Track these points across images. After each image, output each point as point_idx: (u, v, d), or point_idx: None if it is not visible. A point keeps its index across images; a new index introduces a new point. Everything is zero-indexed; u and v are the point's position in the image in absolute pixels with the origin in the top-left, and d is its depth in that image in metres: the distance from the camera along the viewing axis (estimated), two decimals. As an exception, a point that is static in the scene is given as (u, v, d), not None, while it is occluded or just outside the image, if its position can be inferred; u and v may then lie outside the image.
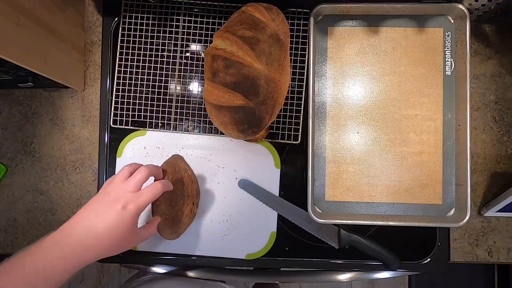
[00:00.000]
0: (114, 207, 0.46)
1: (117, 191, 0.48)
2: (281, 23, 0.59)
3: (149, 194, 0.49)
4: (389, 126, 0.66)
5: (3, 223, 0.71)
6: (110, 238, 0.46)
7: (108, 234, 0.46)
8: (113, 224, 0.46)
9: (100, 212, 0.46)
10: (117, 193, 0.47)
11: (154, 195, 0.49)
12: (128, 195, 0.47)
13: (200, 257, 0.68)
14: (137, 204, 0.47)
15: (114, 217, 0.46)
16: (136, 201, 0.47)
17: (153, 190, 0.49)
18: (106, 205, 0.47)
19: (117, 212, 0.46)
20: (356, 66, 0.67)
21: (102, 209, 0.47)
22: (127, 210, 0.47)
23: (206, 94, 0.58)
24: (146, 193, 0.49)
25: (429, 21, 0.66)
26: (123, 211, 0.46)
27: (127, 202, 0.47)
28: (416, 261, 0.67)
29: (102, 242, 0.46)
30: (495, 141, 0.68)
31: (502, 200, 0.62)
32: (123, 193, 0.47)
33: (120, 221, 0.46)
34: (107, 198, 0.47)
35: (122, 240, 0.48)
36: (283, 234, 0.67)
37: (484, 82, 0.68)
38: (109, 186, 0.49)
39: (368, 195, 0.66)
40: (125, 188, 0.48)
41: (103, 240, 0.46)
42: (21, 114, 0.71)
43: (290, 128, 0.67)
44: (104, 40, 0.70)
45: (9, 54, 0.49)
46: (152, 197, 0.49)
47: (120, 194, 0.47)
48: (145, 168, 0.51)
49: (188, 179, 0.65)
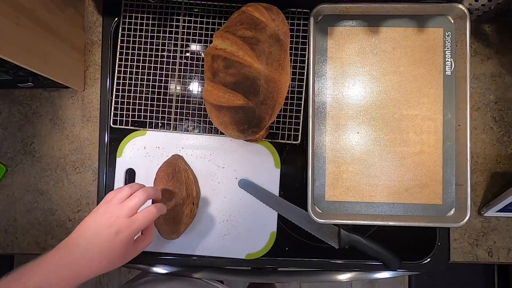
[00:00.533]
0: (107, 232, 0.48)
1: (111, 214, 0.49)
2: (281, 23, 0.59)
3: (142, 221, 0.50)
4: (389, 126, 0.66)
5: (3, 223, 0.71)
6: (105, 259, 0.48)
7: (102, 257, 0.48)
8: (106, 248, 0.48)
9: (95, 234, 0.48)
10: (110, 216, 0.49)
11: (148, 221, 0.51)
12: (123, 221, 0.49)
13: (200, 257, 0.68)
14: (130, 230, 0.49)
15: (107, 242, 0.48)
16: (129, 227, 0.49)
17: (147, 216, 0.50)
18: (101, 228, 0.49)
19: (110, 237, 0.48)
20: (356, 66, 0.67)
21: (97, 231, 0.49)
22: (119, 236, 0.49)
23: (206, 94, 0.58)
24: (140, 219, 0.50)
25: (429, 21, 0.66)
26: (116, 236, 0.48)
27: (121, 229, 0.49)
28: (416, 261, 0.67)
29: (97, 263, 0.48)
30: (495, 141, 0.68)
31: (502, 200, 0.62)
32: (117, 218, 0.49)
33: (113, 246, 0.48)
34: (103, 220, 0.49)
35: (116, 259, 0.50)
36: (283, 234, 0.67)
37: (484, 82, 0.68)
38: (106, 206, 0.51)
39: (368, 195, 0.66)
40: (120, 212, 0.49)
41: (98, 262, 0.48)
42: (21, 114, 0.71)
43: (290, 128, 0.67)
44: (104, 40, 0.70)
45: (9, 54, 0.49)
46: (146, 223, 0.50)
47: (113, 219, 0.49)
48: (142, 192, 0.51)
49: (188, 179, 0.65)
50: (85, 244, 0.48)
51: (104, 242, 0.48)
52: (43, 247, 0.70)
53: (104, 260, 0.48)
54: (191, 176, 0.66)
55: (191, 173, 0.66)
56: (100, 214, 0.50)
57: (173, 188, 0.62)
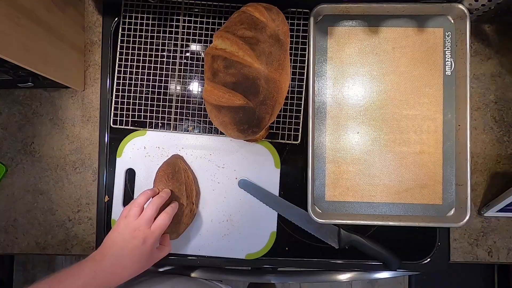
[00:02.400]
0: (135, 242, 0.56)
1: (134, 227, 0.57)
2: (281, 23, 0.59)
3: (160, 227, 0.58)
4: (389, 126, 0.66)
5: (3, 223, 0.71)
6: (136, 264, 0.57)
7: (134, 264, 0.57)
8: (137, 256, 0.56)
9: (124, 245, 0.56)
10: (133, 229, 0.57)
11: (165, 225, 0.59)
12: (145, 231, 0.57)
13: (200, 257, 0.68)
14: (153, 237, 0.57)
15: (137, 251, 0.56)
16: (152, 235, 0.57)
17: (163, 222, 0.59)
18: (128, 239, 0.56)
19: (139, 245, 0.56)
20: (356, 66, 0.67)
21: (125, 243, 0.56)
22: (146, 244, 0.57)
23: (206, 94, 0.58)
24: (158, 225, 0.58)
25: (429, 21, 0.66)
26: (144, 244, 0.56)
27: (146, 237, 0.57)
28: (416, 261, 0.67)
29: (129, 270, 0.56)
30: (495, 141, 0.68)
31: (502, 200, 0.62)
32: (139, 230, 0.57)
33: (142, 253, 0.57)
34: (127, 232, 0.57)
35: (145, 263, 0.58)
36: (283, 234, 0.67)
37: (484, 82, 0.68)
38: (125, 222, 0.58)
39: (368, 195, 0.66)
40: (141, 223, 0.57)
41: (130, 269, 0.56)
42: (21, 114, 0.71)
43: (290, 128, 0.67)
44: (104, 40, 0.70)
45: (9, 54, 0.49)
46: (164, 228, 0.59)
47: (137, 231, 0.57)
48: (152, 205, 0.59)
49: (188, 179, 0.65)
50: (118, 254, 0.55)
51: (134, 250, 0.56)
52: (43, 247, 0.70)
53: (135, 265, 0.57)
54: (191, 176, 0.66)
55: (191, 173, 0.66)
56: (123, 229, 0.57)
57: (173, 188, 0.62)
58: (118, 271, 0.56)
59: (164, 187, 0.62)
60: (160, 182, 0.63)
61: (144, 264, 0.58)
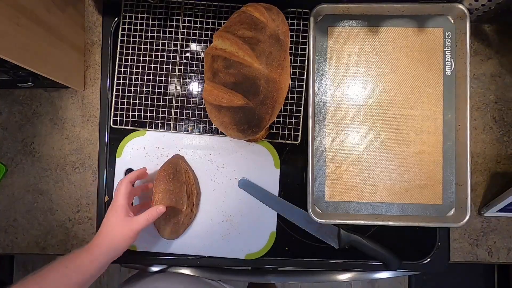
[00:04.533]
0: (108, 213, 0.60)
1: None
2: (281, 23, 0.59)
3: (119, 192, 0.60)
4: (389, 126, 0.66)
5: (3, 223, 0.71)
6: (113, 231, 0.59)
7: (111, 229, 0.59)
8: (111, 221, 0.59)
9: (108, 225, 0.60)
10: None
11: (120, 187, 0.61)
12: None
13: (200, 257, 0.68)
14: (117, 201, 0.60)
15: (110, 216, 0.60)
16: (117, 200, 0.60)
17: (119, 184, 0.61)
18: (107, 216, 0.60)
19: (109, 213, 0.60)
20: (356, 66, 0.67)
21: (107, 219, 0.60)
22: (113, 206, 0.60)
23: (206, 94, 0.58)
24: (118, 192, 0.61)
25: (429, 21, 0.66)
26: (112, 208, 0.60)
27: (114, 204, 0.60)
28: (416, 261, 0.67)
29: (110, 236, 0.58)
30: (495, 141, 0.68)
31: (502, 200, 0.62)
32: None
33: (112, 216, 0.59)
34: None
35: (123, 230, 0.58)
36: (283, 234, 0.67)
37: (484, 82, 0.68)
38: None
39: (368, 195, 0.66)
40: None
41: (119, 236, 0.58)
42: (21, 114, 0.71)
43: (290, 128, 0.67)
44: (104, 40, 0.70)
45: (9, 54, 0.49)
46: (123, 196, 0.60)
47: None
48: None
49: (189, 179, 0.65)
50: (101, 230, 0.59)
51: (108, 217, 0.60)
52: (43, 247, 0.70)
53: (113, 230, 0.59)
54: (191, 176, 0.66)
55: (191, 174, 0.66)
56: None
57: (174, 189, 0.62)
58: (98, 240, 0.58)
59: (165, 187, 0.62)
60: (161, 182, 0.63)
61: (121, 229, 0.58)
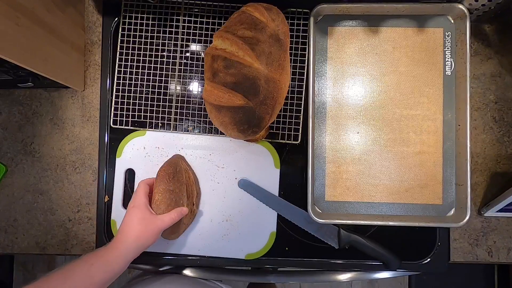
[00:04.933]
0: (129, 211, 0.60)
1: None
2: (281, 23, 0.59)
3: (140, 190, 0.61)
4: (389, 126, 0.66)
5: (3, 223, 0.71)
6: (137, 229, 0.59)
7: (135, 227, 0.59)
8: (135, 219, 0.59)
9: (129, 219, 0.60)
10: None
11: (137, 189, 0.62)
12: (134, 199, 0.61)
13: (200, 257, 0.68)
14: (138, 198, 0.60)
15: (132, 215, 0.60)
16: (137, 197, 0.61)
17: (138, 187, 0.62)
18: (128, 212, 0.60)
19: (129, 211, 0.60)
20: (356, 66, 0.67)
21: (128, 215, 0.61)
22: (135, 206, 0.60)
23: (206, 94, 0.58)
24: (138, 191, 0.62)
25: (429, 21, 0.66)
26: (134, 208, 0.60)
27: (134, 202, 0.60)
28: (416, 261, 0.67)
29: (134, 232, 0.59)
30: (495, 141, 0.68)
31: (502, 200, 0.62)
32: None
33: (136, 215, 0.59)
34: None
35: (146, 229, 0.59)
36: (283, 234, 0.67)
37: (484, 82, 0.68)
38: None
39: (368, 195, 0.66)
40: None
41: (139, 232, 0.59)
42: (21, 114, 0.71)
43: (290, 128, 0.67)
44: (104, 40, 0.70)
45: (9, 54, 0.49)
46: (139, 191, 0.61)
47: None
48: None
49: (189, 179, 0.65)
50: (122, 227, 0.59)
51: (130, 215, 0.59)
52: (43, 247, 0.70)
53: (137, 228, 0.59)
54: (192, 176, 0.66)
55: (192, 174, 0.66)
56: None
57: (174, 189, 0.62)
58: (124, 238, 0.58)
59: (165, 187, 0.62)
60: (161, 182, 0.63)
61: (147, 226, 0.58)
